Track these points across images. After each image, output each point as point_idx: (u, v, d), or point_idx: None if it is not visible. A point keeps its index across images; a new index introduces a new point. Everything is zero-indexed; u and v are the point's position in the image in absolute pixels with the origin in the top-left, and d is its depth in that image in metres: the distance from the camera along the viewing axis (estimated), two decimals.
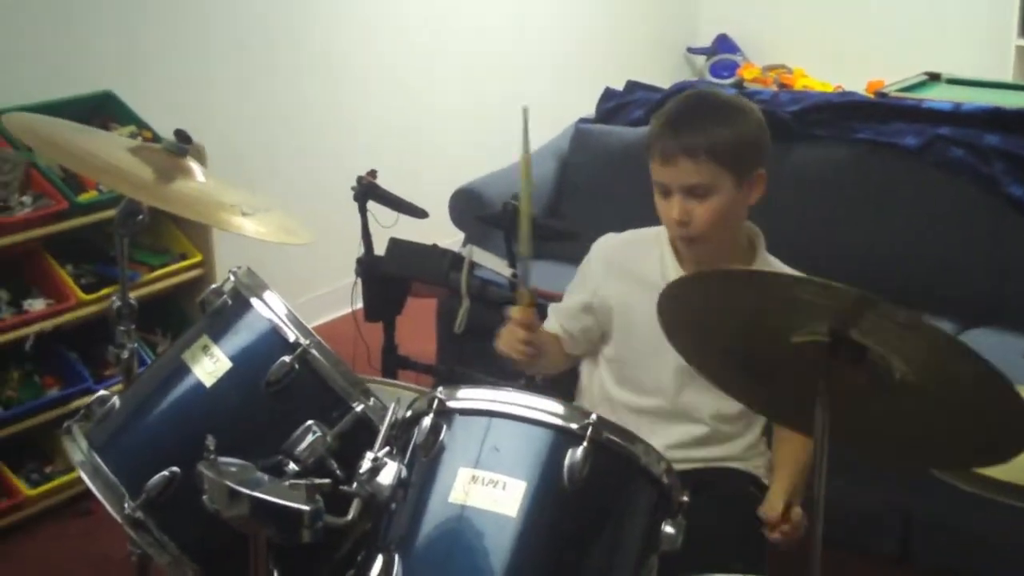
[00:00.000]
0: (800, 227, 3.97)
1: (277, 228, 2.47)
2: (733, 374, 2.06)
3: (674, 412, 2.56)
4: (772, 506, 2.39)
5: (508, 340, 2.51)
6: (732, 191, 2.44)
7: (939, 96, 5.34)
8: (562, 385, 2.79)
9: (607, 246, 2.71)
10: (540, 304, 2.82)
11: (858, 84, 6.31)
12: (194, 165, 2.51)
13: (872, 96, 5.12)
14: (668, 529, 1.94)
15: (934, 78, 5.97)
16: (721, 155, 2.40)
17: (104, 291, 3.76)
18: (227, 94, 4.83)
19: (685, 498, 1.98)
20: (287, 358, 2.12)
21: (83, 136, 2.64)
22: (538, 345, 2.52)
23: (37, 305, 3.72)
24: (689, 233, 2.46)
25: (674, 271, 2.54)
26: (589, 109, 4.79)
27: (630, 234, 2.70)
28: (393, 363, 3.76)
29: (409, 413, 2.03)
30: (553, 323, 2.71)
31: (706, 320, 1.98)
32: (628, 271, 2.62)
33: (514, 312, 2.50)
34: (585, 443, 1.86)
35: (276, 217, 2.52)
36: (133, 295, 2.64)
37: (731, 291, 1.93)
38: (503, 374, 2.87)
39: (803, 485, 2.47)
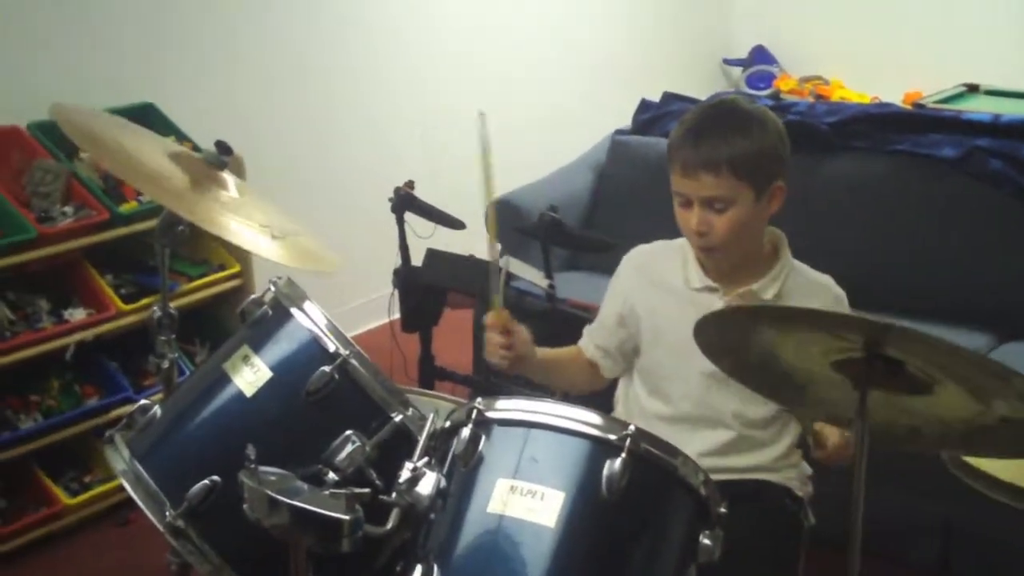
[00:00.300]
0: (837, 238, 3.97)
1: (301, 253, 2.46)
2: (770, 383, 2.06)
3: (701, 418, 2.56)
4: (827, 433, 2.37)
5: (487, 347, 2.52)
6: (751, 203, 2.44)
7: (978, 107, 5.33)
8: (600, 398, 2.79)
9: (636, 257, 2.73)
10: (575, 316, 2.83)
11: (895, 95, 6.30)
12: (229, 178, 2.51)
13: (910, 107, 5.10)
14: (706, 541, 1.94)
15: (972, 89, 5.95)
16: (741, 168, 2.39)
17: (144, 301, 3.79)
18: (266, 107, 4.86)
19: (723, 509, 1.98)
20: (327, 368, 2.13)
21: (127, 133, 2.64)
22: (520, 349, 2.51)
23: (77, 315, 3.75)
24: (708, 244, 2.46)
25: (697, 279, 2.57)
26: (625, 121, 4.79)
27: (657, 244, 2.72)
28: (430, 374, 3.77)
29: (448, 423, 2.04)
30: (588, 345, 2.73)
31: (741, 343, 1.98)
32: (654, 280, 2.64)
33: (487, 318, 2.50)
34: (624, 454, 1.87)
35: (303, 241, 2.52)
36: (172, 305, 2.66)
37: (761, 324, 1.94)
38: (540, 385, 2.87)
39: None
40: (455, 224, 3.68)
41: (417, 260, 3.74)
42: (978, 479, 2.10)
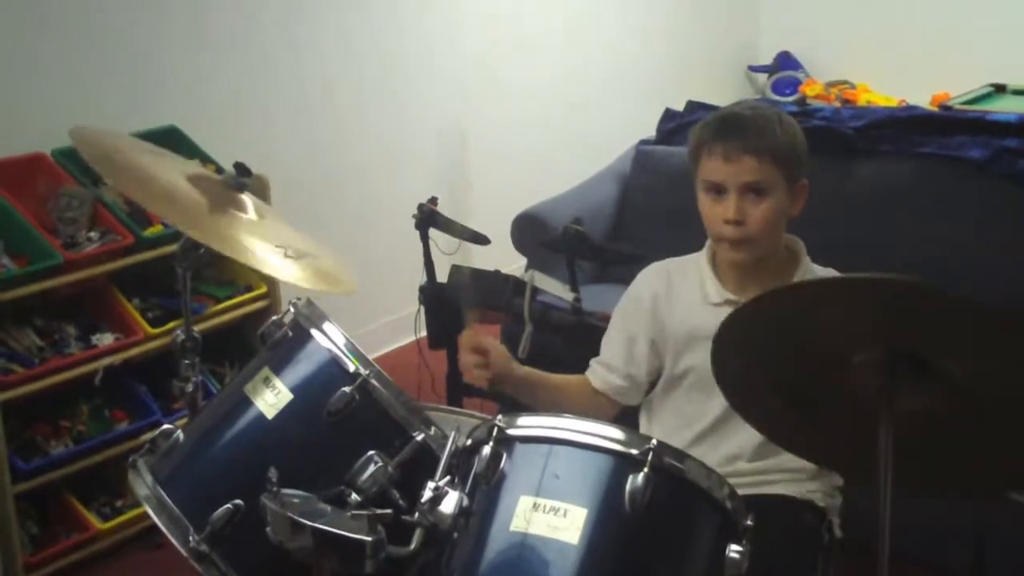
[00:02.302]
0: (864, 242, 3.95)
1: (318, 274, 2.45)
2: (779, 414, 2.03)
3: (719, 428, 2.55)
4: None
5: (466, 364, 2.54)
6: (784, 195, 2.49)
7: (1005, 108, 5.30)
8: (624, 416, 2.77)
9: (649, 278, 2.74)
10: (602, 328, 2.81)
11: (923, 97, 6.27)
12: (248, 200, 2.51)
13: (936, 109, 5.07)
14: (733, 555, 1.91)
15: (1000, 89, 5.92)
16: (780, 157, 2.45)
17: (171, 324, 3.80)
18: (288, 126, 4.88)
19: (749, 522, 1.95)
20: (347, 388, 2.12)
21: (146, 155, 2.63)
22: (497, 366, 2.52)
23: (105, 339, 3.76)
24: (742, 234, 2.47)
25: (714, 290, 2.58)
26: (650, 131, 4.78)
27: (672, 261, 2.74)
28: (457, 390, 3.76)
29: (469, 441, 2.03)
30: (607, 378, 2.73)
31: (758, 353, 1.95)
32: (670, 297, 2.65)
33: (462, 339, 2.52)
34: (646, 469, 1.84)
35: (321, 262, 2.51)
36: (200, 327, 2.66)
37: (786, 312, 1.91)
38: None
39: None
40: (480, 239, 3.67)
41: (443, 277, 3.73)
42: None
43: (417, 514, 1.93)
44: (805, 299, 1.88)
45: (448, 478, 1.97)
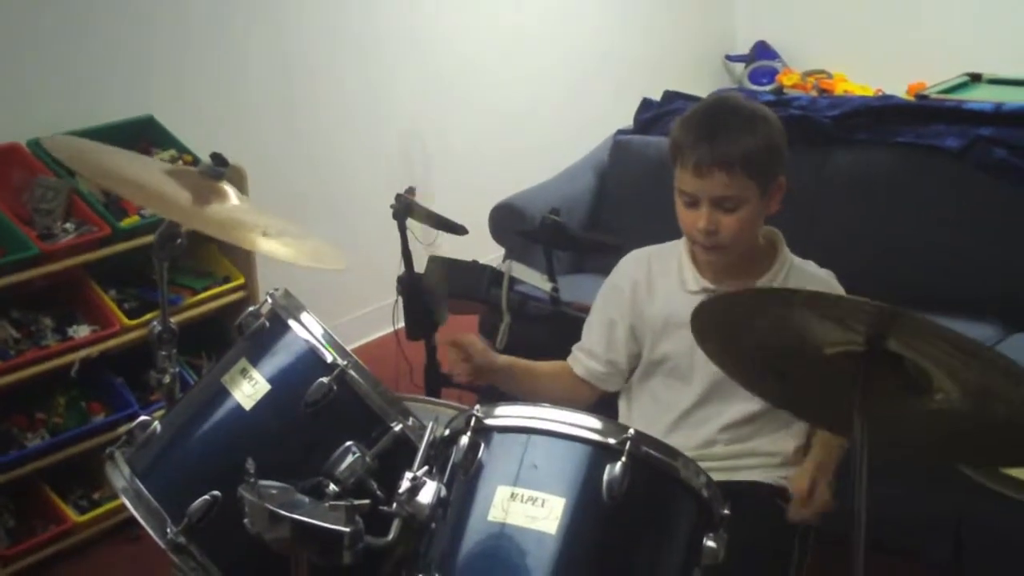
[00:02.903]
0: (841, 231, 3.96)
1: (307, 252, 2.46)
2: (766, 381, 2.05)
3: (726, 390, 2.54)
4: (796, 484, 2.38)
5: (449, 361, 2.56)
6: (758, 201, 2.46)
7: (981, 97, 5.32)
8: (604, 402, 2.78)
9: (629, 265, 2.75)
10: (580, 318, 2.82)
11: (899, 87, 6.28)
12: (229, 188, 2.51)
13: (912, 99, 5.08)
14: (710, 543, 1.92)
15: (975, 79, 5.94)
16: (751, 166, 2.41)
17: (148, 316, 3.79)
18: (266, 115, 4.86)
19: (726, 511, 1.96)
20: (325, 379, 2.11)
21: (122, 158, 2.65)
22: (477, 359, 2.55)
23: (82, 331, 3.75)
24: (715, 242, 2.47)
25: (693, 279, 2.59)
26: (627, 120, 4.78)
27: (649, 249, 2.75)
28: (435, 381, 3.75)
29: (447, 432, 2.03)
30: (588, 365, 2.74)
31: (737, 333, 1.97)
32: (650, 284, 2.66)
33: (440, 337, 2.54)
34: (624, 458, 1.85)
35: (310, 242, 2.51)
36: (177, 319, 2.66)
37: (760, 309, 1.92)
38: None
39: (835, 464, 2.48)
40: (457, 229, 3.66)
41: (421, 267, 3.72)
42: (988, 476, 2.08)
43: (395, 505, 1.93)
44: (775, 302, 1.90)
45: (426, 468, 1.97)
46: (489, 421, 1.96)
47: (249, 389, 2.17)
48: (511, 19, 6.06)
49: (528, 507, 1.84)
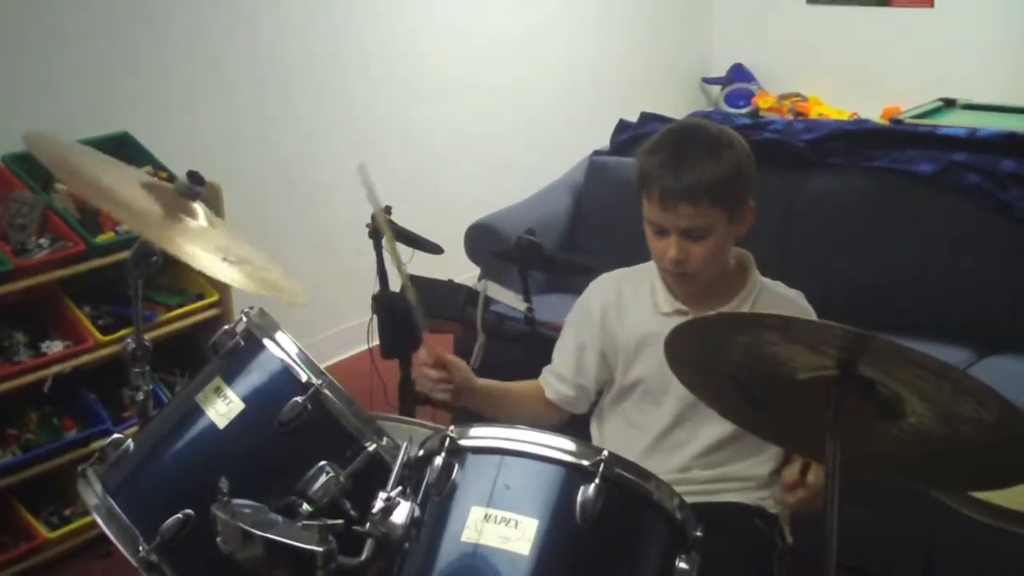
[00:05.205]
0: (815, 255, 3.98)
1: (264, 283, 2.43)
2: (738, 406, 2.05)
3: (696, 413, 2.53)
4: (789, 471, 2.37)
5: (422, 381, 2.55)
6: (726, 227, 2.45)
7: (955, 122, 5.35)
8: (576, 425, 2.78)
9: (598, 289, 2.74)
10: (554, 338, 2.82)
11: (874, 111, 6.33)
12: (200, 208, 2.50)
13: (887, 123, 5.12)
14: (682, 565, 1.92)
15: (949, 104, 5.98)
16: (718, 195, 2.40)
17: (122, 332, 3.76)
18: (243, 134, 4.86)
19: (699, 533, 1.97)
20: (299, 398, 2.12)
21: (101, 164, 2.63)
22: (458, 379, 2.53)
23: (55, 347, 3.73)
24: (685, 270, 2.47)
25: (666, 302, 2.59)
26: (603, 141, 4.79)
27: (621, 272, 2.74)
28: (410, 400, 3.75)
29: (421, 452, 2.03)
30: (557, 387, 2.73)
31: (709, 357, 1.97)
32: (620, 307, 2.65)
33: (419, 354, 2.53)
34: (597, 480, 1.86)
35: (271, 274, 2.49)
36: (151, 336, 2.65)
37: (732, 335, 1.92)
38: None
39: None
40: (433, 248, 3.66)
41: (396, 286, 3.72)
42: (959, 501, 2.09)
43: (368, 524, 1.93)
44: (748, 328, 1.90)
45: (400, 488, 1.97)
46: (463, 442, 1.96)
47: (223, 408, 2.18)
48: (489, 41, 6.08)
49: (501, 528, 1.84)
